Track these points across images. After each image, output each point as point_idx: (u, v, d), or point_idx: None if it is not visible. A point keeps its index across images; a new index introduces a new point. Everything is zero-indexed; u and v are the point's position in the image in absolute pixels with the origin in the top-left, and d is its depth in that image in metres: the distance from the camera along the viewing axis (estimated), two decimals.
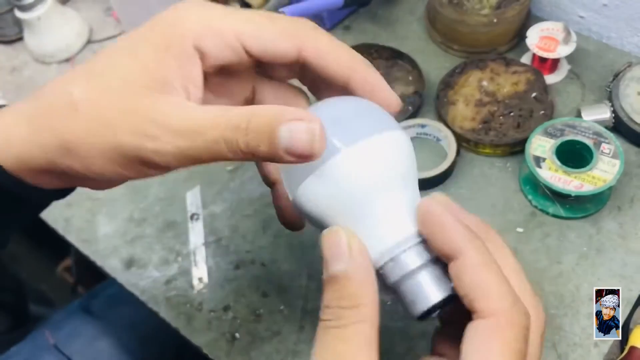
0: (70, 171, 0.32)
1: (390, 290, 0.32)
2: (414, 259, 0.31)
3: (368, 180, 0.31)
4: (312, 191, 0.32)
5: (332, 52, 0.35)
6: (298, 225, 0.41)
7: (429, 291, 0.31)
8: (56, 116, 0.32)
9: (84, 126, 0.31)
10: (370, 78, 0.35)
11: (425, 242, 0.31)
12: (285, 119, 0.29)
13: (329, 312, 0.29)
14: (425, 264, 0.31)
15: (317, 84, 0.38)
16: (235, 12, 0.34)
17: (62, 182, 0.35)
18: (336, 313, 0.29)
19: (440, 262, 0.31)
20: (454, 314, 0.32)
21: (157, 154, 0.30)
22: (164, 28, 0.33)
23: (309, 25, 0.35)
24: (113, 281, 0.60)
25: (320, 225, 0.33)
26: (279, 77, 0.39)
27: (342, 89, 0.36)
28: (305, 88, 0.40)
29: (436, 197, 0.31)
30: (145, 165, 0.32)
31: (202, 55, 0.33)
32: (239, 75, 0.38)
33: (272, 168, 0.40)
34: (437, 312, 0.32)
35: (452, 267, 0.30)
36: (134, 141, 0.30)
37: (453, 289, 0.30)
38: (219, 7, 0.34)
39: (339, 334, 0.29)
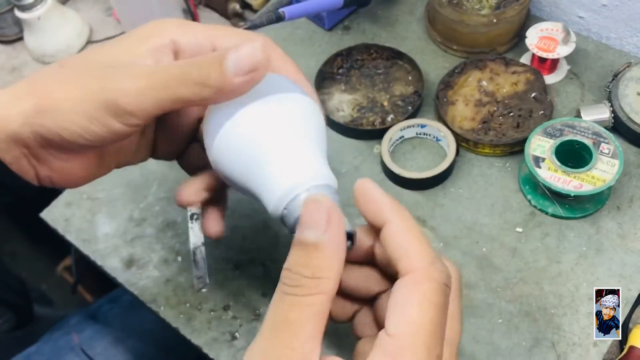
0: (42, 132, 0.35)
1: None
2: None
3: (271, 129, 0.35)
4: (224, 146, 0.36)
5: (281, 66, 0.40)
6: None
7: None
8: (40, 79, 0.37)
9: (62, 79, 0.36)
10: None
11: (327, 188, 0.34)
12: (233, 50, 0.33)
13: (290, 277, 0.30)
14: None
15: None
16: (207, 25, 0.40)
17: (33, 162, 0.37)
18: (297, 280, 0.29)
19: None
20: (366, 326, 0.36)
21: (124, 94, 0.34)
22: (147, 28, 0.38)
23: (263, 36, 0.39)
24: None
25: (236, 182, 0.37)
26: None
27: None
28: None
29: (367, 181, 0.34)
30: (115, 116, 0.34)
31: (177, 49, 0.38)
32: None
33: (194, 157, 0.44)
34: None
35: (381, 235, 0.32)
36: (106, 85, 0.34)
37: (354, 231, 0.34)
38: (193, 22, 0.40)
39: (295, 301, 0.29)
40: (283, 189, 0.34)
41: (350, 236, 0.34)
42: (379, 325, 0.36)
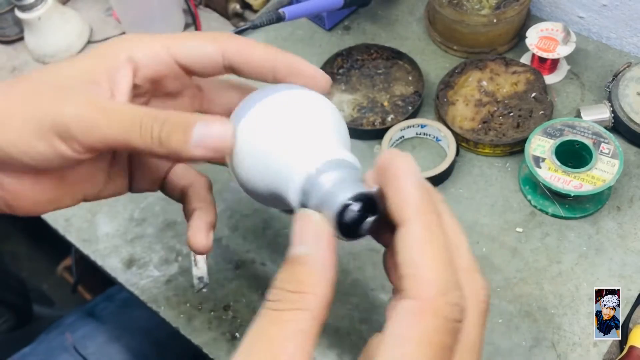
0: None
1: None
2: (328, 177, 0.30)
3: (276, 131, 0.34)
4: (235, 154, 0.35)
5: (251, 47, 0.37)
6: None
7: (341, 192, 0.30)
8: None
9: (15, 95, 0.35)
10: (291, 61, 0.37)
11: (348, 167, 0.31)
12: (200, 119, 0.33)
13: (274, 293, 0.28)
14: (339, 177, 0.31)
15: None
16: (164, 34, 0.39)
17: None
18: (280, 295, 0.27)
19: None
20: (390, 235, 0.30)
21: (75, 119, 0.33)
22: (102, 47, 0.37)
23: (227, 33, 0.38)
24: None
25: (254, 187, 0.36)
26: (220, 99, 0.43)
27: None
28: None
29: (401, 154, 0.29)
30: (62, 139, 0.33)
31: (135, 66, 0.37)
32: (181, 99, 0.41)
33: (179, 173, 0.42)
34: (366, 226, 0.30)
35: (396, 236, 0.28)
36: (57, 106, 0.33)
37: (372, 192, 0.30)
38: (151, 33, 0.39)
39: (276, 317, 0.27)
40: (297, 175, 0.31)
41: (369, 200, 0.30)
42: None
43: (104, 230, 0.63)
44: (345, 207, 0.29)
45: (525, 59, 0.67)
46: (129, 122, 0.33)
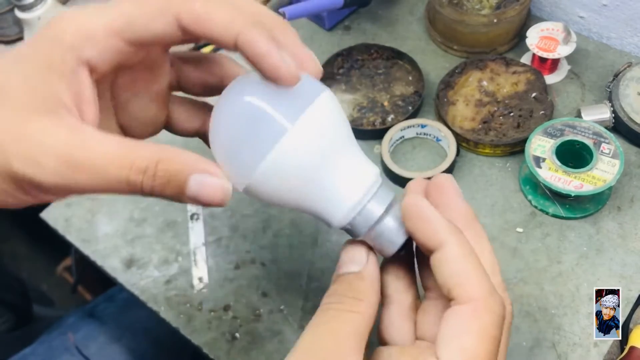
0: None
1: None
2: (377, 207, 0.33)
3: (323, 147, 0.32)
4: (268, 175, 0.31)
5: (210, 13, 0.31)
6: None
7: (396, 233, 0.33)
8: None
9: None
10: (255, 41, 0.30)
11: (381, 186, 0.34)
12: (196, 169, 0.29)
13: (333, 297, 0.32)
14: (386, 209, 0.33)
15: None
16: (107, 8, 0.32)
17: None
18: (340, 298, 0.31)
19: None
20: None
21: (50, 184, 0.29)
22: (45, 45, 0.31)
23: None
24: None
25: (279, 203, 0.34)
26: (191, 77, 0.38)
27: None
28: None
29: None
30: (40, 190, 0.30)
31: (89, 66, 0.31)
32: (149, 66, 0.36)
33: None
34: (403, 249, 0.34)
35: (433, 259, 0.31)
36: (27, 168, 0.29)
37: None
38: (92, 8, 0.32)
39: (338, 315, 0.31)
40: (349, 203, 0.33)
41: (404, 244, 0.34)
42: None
43: (103, 230, 0.63)
44: (401, 249, 0.34)
45: (525, 59, 0.67)
46: (116, 180, 0.29)
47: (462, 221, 0.32)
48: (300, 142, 0.31)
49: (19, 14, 0.77)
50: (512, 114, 0.62)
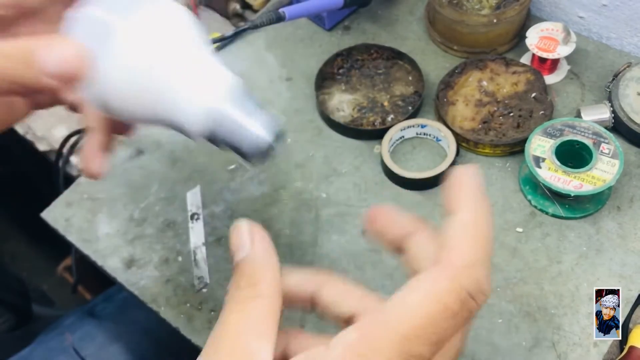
0: None
1: (226, 147, 0.34)
2: (235, 113, 0.32)
3: (158, 49, 0.31)
4: (108, 79, 0.31)
5: None
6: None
7: (258, 139, 0.32)
8: None
9: None
10: None
11: (243, 93, 0.32)
12: (44, 42, 0.29)
13: (232, 289, 0.31)
14: (248, 115, 0.32)
15: None
16: None
17: None
18: (237, 289, 0.31)
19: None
20: None
21: None
22: None
23: None
24: None
25: (135, 116, 0.33)
26: None
27: None
28: None
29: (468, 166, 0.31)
30: None
31: None
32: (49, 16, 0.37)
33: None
34: (269, 151, 0.33)
35: (445, 223, 0.29)
36: None
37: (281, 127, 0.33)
38: None
39: (238, 308, 0.30)
40: (198, 109, 0.32)
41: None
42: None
43: (104, 230, 0.63)
44: (270, 147, 0.33)
45: (525, 59, 0.67)
46: None
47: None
48: (129, 44, 0.31)
49: None
50: (511, 114, 0.62)
